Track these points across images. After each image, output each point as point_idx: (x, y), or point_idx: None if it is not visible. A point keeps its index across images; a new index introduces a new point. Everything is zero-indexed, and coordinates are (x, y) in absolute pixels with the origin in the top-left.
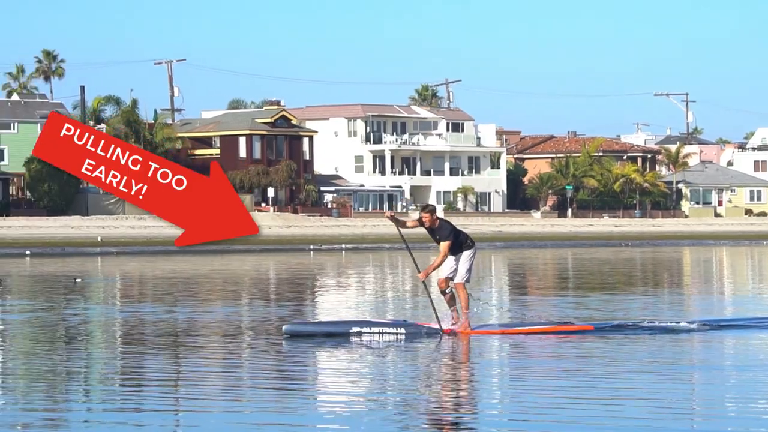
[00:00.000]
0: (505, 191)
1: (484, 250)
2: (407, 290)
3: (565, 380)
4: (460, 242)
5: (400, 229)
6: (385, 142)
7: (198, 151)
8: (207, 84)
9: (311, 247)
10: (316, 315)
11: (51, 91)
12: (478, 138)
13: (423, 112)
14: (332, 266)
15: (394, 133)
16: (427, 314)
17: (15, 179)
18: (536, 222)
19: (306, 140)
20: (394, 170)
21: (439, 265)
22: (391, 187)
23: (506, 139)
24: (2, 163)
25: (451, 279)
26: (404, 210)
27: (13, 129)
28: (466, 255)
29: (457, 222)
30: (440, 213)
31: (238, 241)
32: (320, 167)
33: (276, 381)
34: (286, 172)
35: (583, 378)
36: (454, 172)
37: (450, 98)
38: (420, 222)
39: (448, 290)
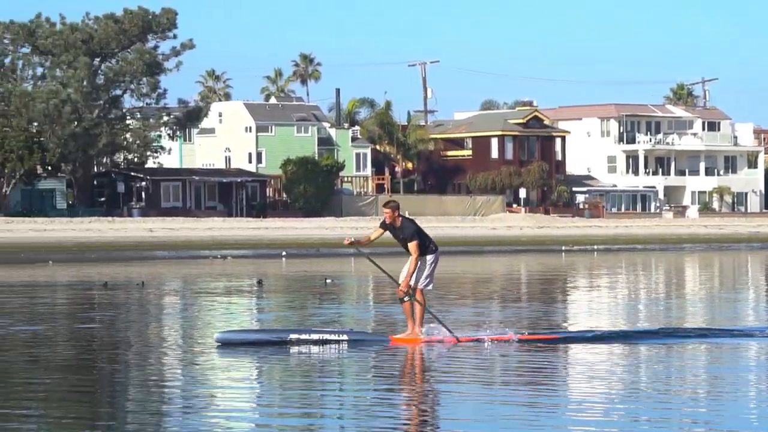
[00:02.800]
0: (763, 191)
1: (740, 251)
2: (659, 291)
3: None
4: (423, 244)
5: (363, 249)
6: (639, 142)
7: (450, 153)
8: (460, 85)
9: (563, 248)
10: (565, 318)
11: (307, 94)
12: (735, 137)
13: (678, 112)
14: (583, 267)
15: (648, 133)
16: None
17: (272, 181)
18: None
19: (558, 140)
20: (647, 170)
21: (414, 270)
22: (644, 187)
23: (764, 138)
24: (260, 165)
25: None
26: (657, 210)
27: (271, 132)
28: (426, 260)
29: (712, 222)
30: (695, 213)
31: (490, 241)
32: (572, 168)
33: (525, 379)
34: (538, 172)
35: None
36: (709, 172)
37: (706, 97)
38: (382, 225)
39: (406, 299)
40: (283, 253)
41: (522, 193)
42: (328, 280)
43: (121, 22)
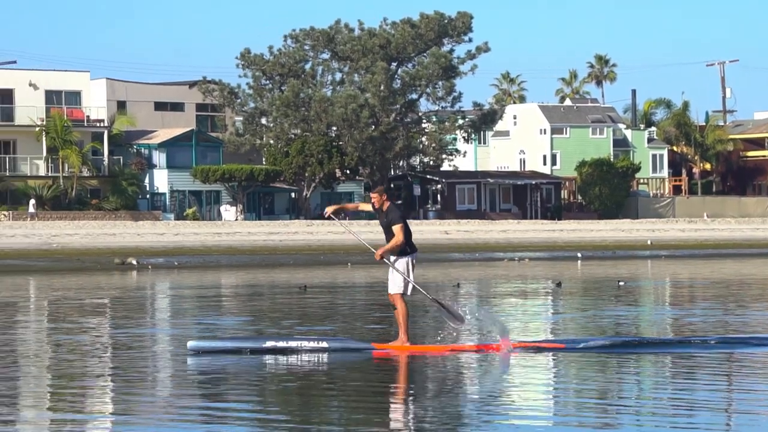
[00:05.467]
0: None
1: None
2: None
3: None
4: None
5: (342, 220)
6: None
7: (750, 153)
8: (760, 84)
9: None
10: None
11: (602, 96)
12: None
13: None
14: None
15: None
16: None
17: (567, 183)
18: None
19: None
20: None
21: (393, 248)
22: None
23: None
24: (555, 167)
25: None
26: None
27: (566, 134)
28: (401, 262)
29: None
30: None
31: None
32: None
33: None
34: None
35: None
36: None
37: None
38: (373, 205)
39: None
40: (579, 255)
41: None
42: (621, 283)
43: (418, 26)
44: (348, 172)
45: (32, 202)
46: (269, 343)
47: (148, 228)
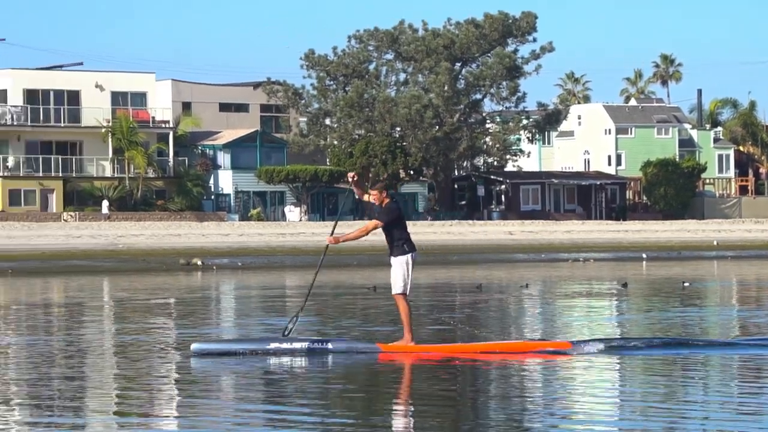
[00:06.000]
0: None
1: None
2: None
3: None
4: (393, 239)
5: (358, 191)
6: None
7: None
8: None
9: None
10: None
11: (668, 95)
12: None
13: None
14: None
15: None
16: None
17: (632, 183)
18: None
19: None
20: None
21: (355, 238)
22: None
23: None
24: (620, 167)
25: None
26: None
27: (630, 134)
28: (398, 261)
29: None
30: None
31: None
32: None
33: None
34: None
35: None
36: None
37: None
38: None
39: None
40: (644, 256)
41: None
42: (686, 284)
43: (482, 26)
44: (412, 172)
45: (105, 203)
46: (273, 345)
47: (212, 229)
